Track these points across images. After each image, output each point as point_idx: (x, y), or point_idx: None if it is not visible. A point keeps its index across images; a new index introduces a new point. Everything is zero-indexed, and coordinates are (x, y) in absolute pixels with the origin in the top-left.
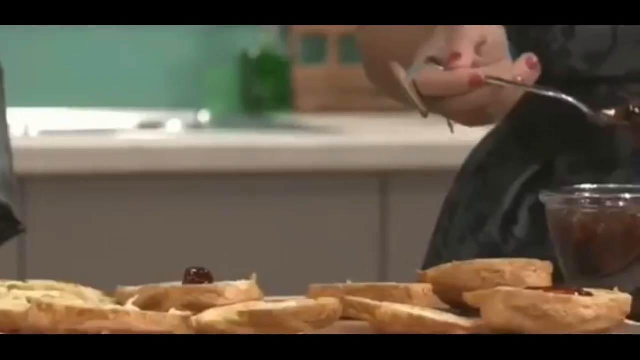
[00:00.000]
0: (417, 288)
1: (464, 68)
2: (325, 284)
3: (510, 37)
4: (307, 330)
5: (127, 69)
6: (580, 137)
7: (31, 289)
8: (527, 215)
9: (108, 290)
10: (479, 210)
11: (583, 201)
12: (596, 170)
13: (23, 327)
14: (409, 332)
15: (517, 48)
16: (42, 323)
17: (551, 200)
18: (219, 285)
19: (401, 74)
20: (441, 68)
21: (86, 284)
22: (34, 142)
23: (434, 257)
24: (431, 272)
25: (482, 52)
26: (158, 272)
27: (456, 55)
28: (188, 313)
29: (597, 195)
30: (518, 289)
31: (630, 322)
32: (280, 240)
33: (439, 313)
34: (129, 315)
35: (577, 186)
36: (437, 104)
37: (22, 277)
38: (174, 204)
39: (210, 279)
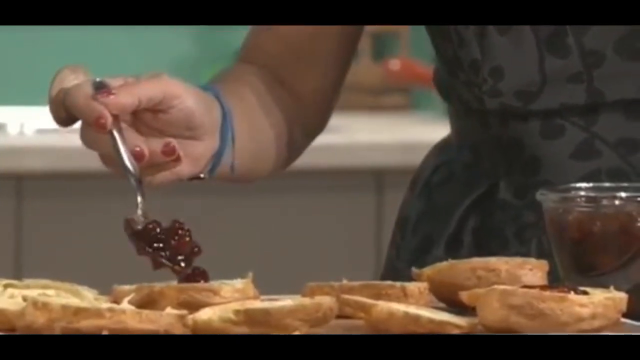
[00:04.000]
0: (413, 287)
1: (107, 105)
2: (321, 283)
3: (441, 77)
4: (303, 329)
5: (124, 68)
6: (525, 162)
7: (27, 287)
8: (470, 238)
9: (104, 289)
10: (425, 231)
11: (579, 199)
12: None
13: (19, 325)
14: (405, 331)
15: (449, 88)
16: (38, 322)
17: (547, 198)
18: (214, 283)
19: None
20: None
21: (82, 282)
22: (30, 140)
23: (390, 270)
24: (427, 270)
25: (162, 120)
26: (154, 271)
27: (111, 90)
28: (184, 312)
29: (592, 194)
30: (514, 288)
31: (626, 321)
32: (276, 238)
33: (435, 312)
34: (124, 313)
35: (572, 185)
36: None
37: (18, 276)
38: (169, 202)
39: (205, 278)
